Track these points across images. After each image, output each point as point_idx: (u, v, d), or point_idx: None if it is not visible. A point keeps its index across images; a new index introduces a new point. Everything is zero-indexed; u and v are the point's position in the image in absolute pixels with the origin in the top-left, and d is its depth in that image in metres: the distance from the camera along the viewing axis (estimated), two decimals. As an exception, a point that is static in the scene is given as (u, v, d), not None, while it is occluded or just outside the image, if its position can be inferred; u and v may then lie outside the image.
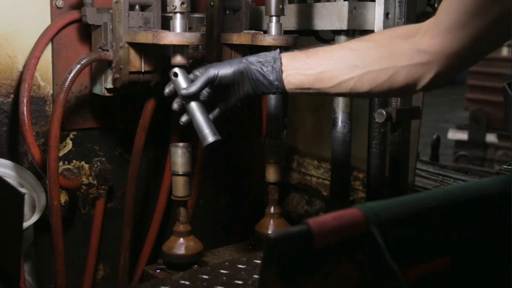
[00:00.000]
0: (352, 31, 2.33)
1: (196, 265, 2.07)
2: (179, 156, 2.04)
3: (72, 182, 2.53)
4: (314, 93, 1.68)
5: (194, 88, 1.75)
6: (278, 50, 1.71)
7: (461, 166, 6.08)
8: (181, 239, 2.09)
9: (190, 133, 2.11)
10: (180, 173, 2.06)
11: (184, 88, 1.76)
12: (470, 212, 1.17)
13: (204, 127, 1.74)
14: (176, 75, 1.79)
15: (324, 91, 1.66)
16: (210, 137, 1.73)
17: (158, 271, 2.09)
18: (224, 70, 1.73)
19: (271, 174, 2.35)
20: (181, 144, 2.05)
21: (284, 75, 1.67)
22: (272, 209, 2.34)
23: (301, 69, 1.65)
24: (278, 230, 2.25)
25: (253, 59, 1.73)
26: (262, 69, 1.69)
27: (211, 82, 1.75)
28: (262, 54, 1.73)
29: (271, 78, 1.68)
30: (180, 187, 2.08)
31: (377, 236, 1.00)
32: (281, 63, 1.68)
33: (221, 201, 3.08)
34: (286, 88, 1.69)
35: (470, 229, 1.18)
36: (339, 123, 2.37)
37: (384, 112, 2.21)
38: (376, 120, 2.26)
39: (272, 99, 2.32)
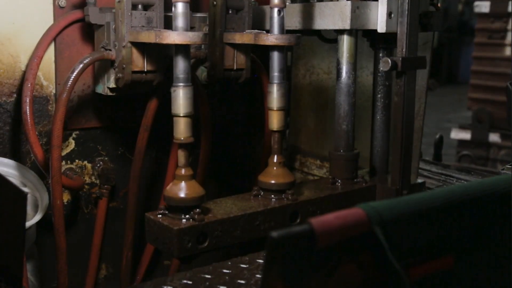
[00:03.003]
0: (355, 31, 2.33)
1: (198, 209, 2.02)
2: (180, 97, 2.01)
3: (75, 182, 2.54)
4: None
5: None
6: None
7: (464, 166, 6.07)
8: (183, 182, 2.04)
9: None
10: (181, 115, 2.02)
11: None
12: (473, 211, 1.17)
13: None
14: None
15: None
16: None
17: (160, 215, 2.04)
18: None
19: (275, 122, 2.23)
20: (182, 84, 2.01)
21: None
22: (275, 158, 2.25)
23: None
24: (280, 178, 2.21)
25: None
26: None
27: None
28: None
29: None
30: (181, 128, 2.03)
31: (380, 236, 1.00)
32: None
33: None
34: None
35: (473, 228, 1.18)
36: (344, 74, 2.34)
37: (389, 60, 2.16)
38: (381, 69, 2.21)
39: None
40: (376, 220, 1.00)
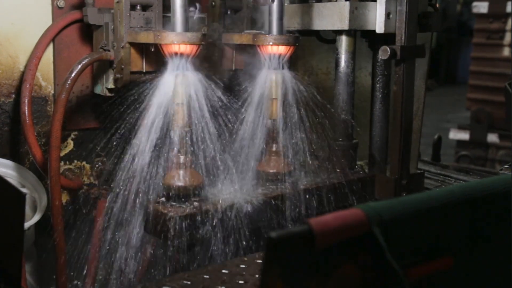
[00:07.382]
0: (353, 31, 2.33)
1: (197, 197, 2.01)
2: (179, 84, 2.00)
3: (73, 182, 2.53)
4: None
5: None
6: None
7: (462, 166, 6.06)
8: (181, 171, 2.04)
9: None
10: (180, 102, 2.02)
11: None
12: (472, 212, 1.17)
13: None
14: None
15: None
16: None
17: (158, 204, 2.02)
18: None
19: (273, 112, 2.23)
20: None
21: None
22: (274, 147, 2.27)
23: None
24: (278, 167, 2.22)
25: None
26: None
27: None
28: None
29: None
30: (180, 116, 2.03)
31: (378, 237, 1.00)
32: None
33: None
34: None
35: (471, 229, 1.18)
36: (342, 63, 2.34)
37: (388, 49, 2.16)
38: (381, 57, 2.20)
39: None
40: (375, 221, 1.00)
